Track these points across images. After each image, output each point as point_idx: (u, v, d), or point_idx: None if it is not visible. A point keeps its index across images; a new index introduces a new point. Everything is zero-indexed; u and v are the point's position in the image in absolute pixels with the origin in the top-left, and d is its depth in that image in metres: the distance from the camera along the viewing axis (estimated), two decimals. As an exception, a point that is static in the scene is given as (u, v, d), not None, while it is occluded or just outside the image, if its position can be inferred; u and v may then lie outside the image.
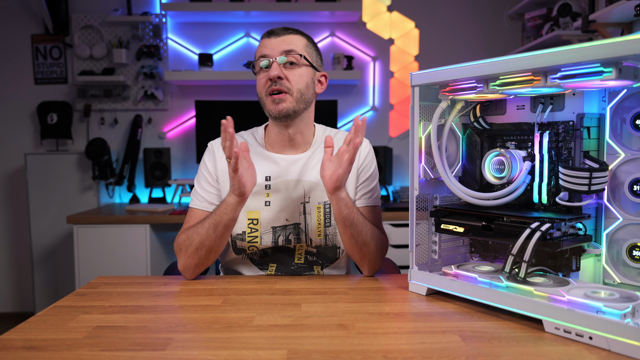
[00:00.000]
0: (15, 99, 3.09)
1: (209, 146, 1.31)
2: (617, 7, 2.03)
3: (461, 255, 1.13)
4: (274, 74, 1.19)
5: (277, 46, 1.22)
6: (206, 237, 1.14)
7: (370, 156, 1.33)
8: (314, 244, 1.28)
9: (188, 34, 3.11)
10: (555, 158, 0.94)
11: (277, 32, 1.24)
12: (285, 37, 1.23)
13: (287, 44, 1.22)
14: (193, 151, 3.08)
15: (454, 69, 0.95)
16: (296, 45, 1.23)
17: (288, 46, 1.22)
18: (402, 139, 3.18)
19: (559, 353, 0.74)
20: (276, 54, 1.22)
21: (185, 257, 1.17)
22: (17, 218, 3.13)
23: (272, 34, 1.24)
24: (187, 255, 1.16)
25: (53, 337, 0.82)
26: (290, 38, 1.23)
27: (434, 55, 3.13)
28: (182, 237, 1.18)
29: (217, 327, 0.86)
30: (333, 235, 1.28)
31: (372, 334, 0.82)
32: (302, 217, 1.27)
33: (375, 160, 1.35)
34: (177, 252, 1.19)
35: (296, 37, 1.25)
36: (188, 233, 1.18)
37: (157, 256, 2.68)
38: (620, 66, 0.76)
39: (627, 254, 0.88)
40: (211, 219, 1.15)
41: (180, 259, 1.19)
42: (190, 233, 1.17)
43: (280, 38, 1.23)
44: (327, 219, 1.28)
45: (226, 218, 1.13)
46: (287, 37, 1.23)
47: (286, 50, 1.21)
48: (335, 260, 1.31)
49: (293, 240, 1.27)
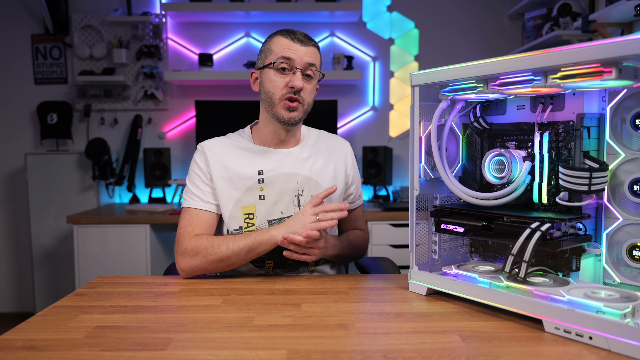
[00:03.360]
0: (15, 99, 3.09)
1: (199, 147, 1.34)
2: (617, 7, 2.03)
3: (461, 255, 1.13)
4: (299, 85, 1.22)
5: (304, 56, 1.24)
6: (236, 255, 1.18)
7: (353, 165, 1.43)
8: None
9: (188, 34, 3.11)
10: (555, 158, 0.94)
11: (301, 38, 1.25)
12: (309, 48, 1.25)
13: (311, 56, 1.25)
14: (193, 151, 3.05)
15: (454, 69, 0.95)
16: (316, 60, 1.27)
17: (312, 59, 1.25)
18: (402, 139, 3.18)
19: (559, 353, 0.74)
20: (302, 64, 1.24)
21: (201, 261, 1.18)
22: (17, 218, 3.13)
23: (297, 40, 1.24)
24: (204, 260, 1.18)
25: (53, 337, 0.82)
26: (313, 51, 1.27)
27: (434, 55, 3.14)
28: (204, 243, 1.19)
29: (217, 327, 0.86)
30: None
31: (372, 334, 0.82)
32: (296, 209, 1.29)
33: (356, 163, 1.45)
34: (192, 255, 1.18)
35: (316, 51, 1.28)
36: (212, 242, 1.19)
37: (157, 256, 2.68)
38: (620, 66, 0.76)
39: (627, 254, 0.88)
40: (248, 241, 1.18)
41: (192, 261, 1.18)
42: (217, 243, 1.18)
43: (306, 48, 1.25)
44: None
45: (263, 248, 1.18)
46: (312, 49, 1.26)
47: (310, 62, 1.25)
48: None
49: None
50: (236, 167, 1.29)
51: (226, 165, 1.29)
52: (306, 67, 1.24)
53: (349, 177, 1.40)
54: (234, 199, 1.27)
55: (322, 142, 1.39)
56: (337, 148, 1.40)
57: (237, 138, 1.36)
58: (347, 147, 1.42)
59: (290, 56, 1.23)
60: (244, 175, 1.28)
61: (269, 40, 1.28)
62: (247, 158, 1.30)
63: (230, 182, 1.28)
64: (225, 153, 1.31)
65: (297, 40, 1.24)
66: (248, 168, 1.29)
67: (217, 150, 1.31)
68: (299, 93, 1.24)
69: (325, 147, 1.38)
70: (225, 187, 1.28)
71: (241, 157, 1.30)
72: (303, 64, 1.24)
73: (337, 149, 1.39)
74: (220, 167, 1.29)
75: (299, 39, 1.25)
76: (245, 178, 1.28)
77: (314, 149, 1.36)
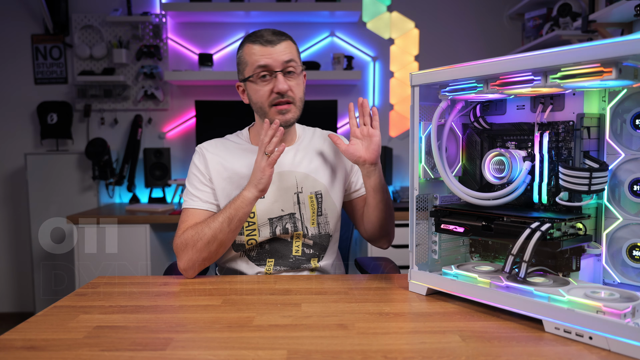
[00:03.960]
0: (15, 99, 3.09)
1: (198, 149, 1.34)
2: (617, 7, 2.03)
3: (461, 255, 1.13)
4: (283, 88, 1.21)
5: (278, 56, 1.21)
6: (219, 231, 1.17)
7: None
8: (310, 233, 1.31)
9: (188, 34, 3.11)
10: (555, 158, 0.94)
11: (270, 39, 1.22)
12: (281, 45, 1.22)
13: (286, 53, 1.22)
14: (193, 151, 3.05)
15: (454, 69, 0.95)
16: (292, 54, 1.24)
17: (287, 55, 1.22)
18: (402, 139, 3.18)
19: (559, 353, 0.74)
20: (279, 66, 1.22)
21: (192, 252, 1.17)
22: (17, 218, 3.13)
23: (266, 42, 1.22)
24: (195, 249, 1.17)
25: (53, 337, 0.82)
26: (286, 46, 1.23)
27: (434, 55, 3.13)
28: (190, 233, 1.19)
29: (217, 327, 0.86)
30: (325, 224, 1.33)
31: (372, 334, 0.82)
32: (296, 207, 1.30)
33: None
34: (182, 249, 1.18)
35: (290, 43, 1.25)
36: (197, 229, 1.18)
37: (157, 256, 2.68)
38: (620, 66, 0.76)
39: (627, 254, 0.88)
40: (225, 213, 1.17)
41: (185, 255, 1.18)
42: (200, 228, 1.18)
43: (278, 47, 1.22)
44: (319, 208, 1.32)
45: (242, 212, 1.17)
46: (284, 45, 1.23)
47: (287, 60, 1.22)
48: (326, 247, 1.34)
49: (290, 230, 1.29)
50: (235, 167, 1.29)
51: (225, 165, 1.30)
52: (285, 66, 1.22)
53: (346, 168, 1.40)
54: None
55: (317, 139, 1.40)
56: (332, 144, 1.40)
57: (235, 139, 1.37)
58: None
59: (265, 63, 1.21)
60: (243, 175, 1.28)
61: (241, 50, 1.26)
62: (245, 158, 1.31)
63: (230, 182, 1.28)
64: (223, 154, 1.32)
65: (267, 43, 1.22)
66: (247, 168, 1.29)
67: (216, 151, 1.32)
68: (287, 95, 1.23)
69: (321, 143, 1.39)
70: (225, 187, 1.28)
71: (240, 158, 1.31)
72: (280, 64, 1.22)
73: (333, 145, 1.39)
74: (219, 167, 1.29)
75: (268, 41, 1.22)
76: (244, 178, 1.28)
77: (310, 146, 1.37)
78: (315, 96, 3.09)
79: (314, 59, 3.05)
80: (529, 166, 0.96)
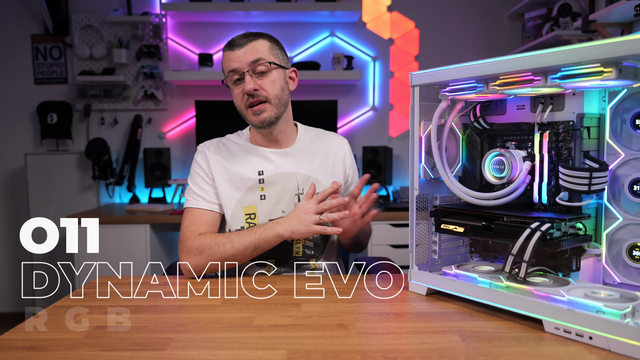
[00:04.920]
0: (15, 99, 3.09)
1: (200, 148, 1.35)
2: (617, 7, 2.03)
3: (461, 255, 1.13)
4: (249, 88, 1.21)
5: (243, 58, 1.22)
6: (241, 253, 1.18)
7: (352, 163, 1.44)
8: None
9: (188, 34, 3.11)
10: (555, 158, 0.94)
11: (239, 42, 1.23)
12: (248, 46, 1.22)
13: (252, 53, 1.22)
14: (193, 151, 3.05)
15: (454, 69, 0.95)
16: (261, 52, 1.23)
17: (254, 55, 1.22)
18: (402, 139, 3.18)
19: (559, 353, 0.74)
20: (245, 67, 1.22)
21: (206, 259, 1.18)
22: (17, 218, 3.13)
23: (234, 46, 1.23)
24: (210, 259, 1.18)
25: (53, 337, 0.82)
26: (254, 46, 1.23)
27: (434, 55, 3.13)
28: (208, 241, 1.19)
29: (217, 327, 0.86)
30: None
31: (372, 334, 0.82)
32: None
33: (354, 160, 1.47)
34: (197, 253, 1.18)
35: (259, 42, 1.24)
36: (217, 240, 1.19)
37: (157, 256, 2.68)
38: (620, 66, 0.76)
39: (627, 254, 0.88)
40: (253, 238, 1.18)
41: (197, 259, 1.18)
42: (221, 240, 1.18)
43: (245, 49, 1.22)
44: None
45: (267, 245, 1.19)
46: (251, 46, 1.23)
47: (253, 60, 1.22)
48: (326, 248, 1.35)
49: None
50: (236, 168, 1.29)
51: (226, 166, 1.30)
52: (252, 67, 1.22)
53: (348, 176, 1.41)
54: (235, 199, 1.28)
55: (320, 140, 1.40)
56: (335, 146, 1.40)
57: (235, 139, 1.37)
58: (345, 145, 1.43)
59: (233, 67, 1.23)
60: (244, 176, 1.28)
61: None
62: (246, 159, 1.31)
63: (231, 183, 1.28)
64: (225, 155, 1.32)
65: (235, 47, 1.23)
66: (248, 169, 1.29)
67: (218, 151, 1.32)
68: (257, 94, 1.22)
69: (324, 145, 1.39)
70: (227, 187, 1.28)
71: (241, 159, 1.31)
72: (246, 65, 1.22)
73: (336, 147, 1.40)
74: (221, 168, 1.30)
75: (237, 44, 1.23)
76: (245, 179, 1.28)
77: (312, 147, 1.37)
78: (315, 96, 3.09)
79: (314, 59, 3.05)
80: (529, 166, 0.95)
